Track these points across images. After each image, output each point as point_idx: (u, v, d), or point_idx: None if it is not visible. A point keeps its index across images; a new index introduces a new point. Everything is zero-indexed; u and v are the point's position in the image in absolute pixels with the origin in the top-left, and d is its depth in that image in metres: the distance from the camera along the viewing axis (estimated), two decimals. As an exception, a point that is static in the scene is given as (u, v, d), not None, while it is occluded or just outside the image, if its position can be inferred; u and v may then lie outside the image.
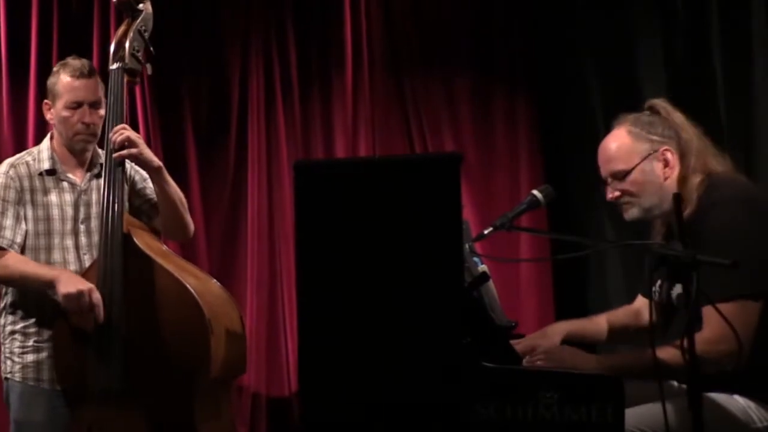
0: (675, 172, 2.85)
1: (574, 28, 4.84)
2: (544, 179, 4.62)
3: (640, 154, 2.85)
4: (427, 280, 2.35)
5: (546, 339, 2.96)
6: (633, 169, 2.85)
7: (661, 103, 2.93)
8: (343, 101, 4.83)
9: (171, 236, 3.66)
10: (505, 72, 4.92)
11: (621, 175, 2.88)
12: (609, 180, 2.93)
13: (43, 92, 3.66)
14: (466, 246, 2.81)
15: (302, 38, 4.87)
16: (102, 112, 3.47)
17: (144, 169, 3.50)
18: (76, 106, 3.44)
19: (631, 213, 2.91)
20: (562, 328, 3.06)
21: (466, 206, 4.39)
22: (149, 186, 3.56)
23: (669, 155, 2.84)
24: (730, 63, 4.25)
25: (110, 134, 3.35)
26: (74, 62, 3.51)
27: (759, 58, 4.12)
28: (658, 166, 2.85)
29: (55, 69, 3.54)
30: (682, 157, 2.84)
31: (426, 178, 2.40)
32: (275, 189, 4.76)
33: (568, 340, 2.98)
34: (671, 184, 2.83)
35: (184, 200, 3.54)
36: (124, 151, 3.32)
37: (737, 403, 2.68)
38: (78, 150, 3.50)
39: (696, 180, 2.79)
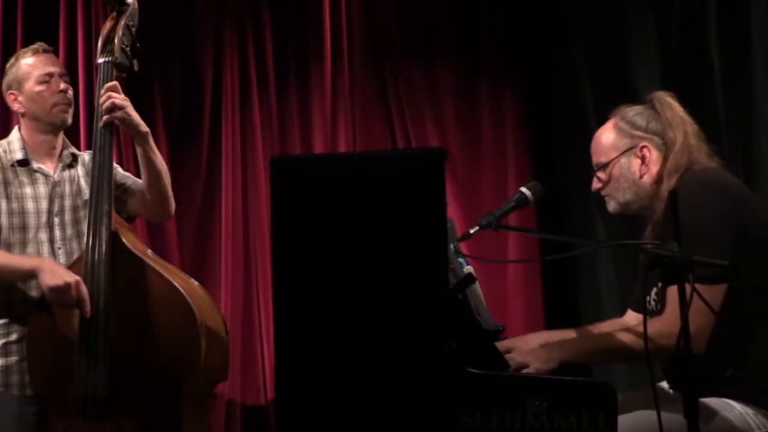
0: (653, 169, 2.92)
1: (563, 17, 4.85)
2: (532, 176, 4.63)
3: (619, 149, 2.95)
4: (410, 282, 2.35)
5: (523, 342, 2.97)
6: (610, 162, 2.96)
7: (659, 97, 2.99)
8: (321, 94, 4.82)
9: (153, 214, 3.67)
10: (492, 63, 4.93)
11: (601, 167, 2.99)
12: (595, 170, 3.02)
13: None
14: (451, 246, 2.81)
15: (279, 27, 4.87)
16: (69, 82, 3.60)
17: (132, 133, 3.49)
18: (48, 78, 3.54)
19: (611, 206, 3.03)
20: (543, 337, 3.07)
21: (450, 204, 4.42)
22: (120, 172, 3.61)
23: (647, 152, 2.92)
24: (728, 54, 4.26)
25: (99, 102, 3.37)
26: (29, 47, 3.64)
27: (758, 49, 4.13)
28: (635, 163, 2.94)
29: (10, 62, 3.63)
30: (665, 155, 2.90)
31: (408, 174, 2.40)
32: (250, 186, 4.75)
33: None
34: (648, 180, 2.93)
35: (167, 172, 3.55)
36: (109, 116, 3.35)
37: (734, 409, 2.69)
38: (58, 123, 3.55)
39: (673, 180, 2.84)
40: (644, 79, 4.48)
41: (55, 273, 3.23)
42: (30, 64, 3.55)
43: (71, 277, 3.20)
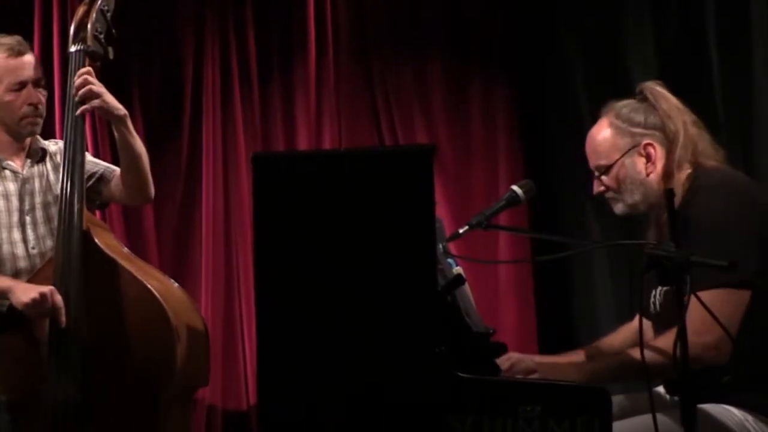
0: (659, 166, 2.88)
1: (557, 9, 4.84)
2: (524, 174, 4.62)
3: (621, 150, 2.90)
4: (397, 283, 2.34)
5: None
6: (614, 164, 2.91)
7: (650, 88, 2.96)
8: (306, 88, 4.81)
9: (132, 198, 3.63)
10: (483, 57, 4.91)
11: (603, 170, 2.94)
12: (596, 173, 2.98)
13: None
14: (440, 246, 2.80)
15: (262, 20, 4.85)
16: (44, 90, 3.52)
17: (109, 118, 3.46)
18: (19, 87, 3.45)
19: (618, 208, 2.98)
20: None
21: (439, 203, 4.39)
22: (90, 160, 3.57)
23: (651, 150, 2.88)
24: (727, 53, 4.25)
25: (73, 85, 3.34)
26: (6, 40, 3.51)
27: (758, 49, 4.13)
28: (639, 162, 2.90)
29: None
30: (669, 149, 2.87)
31: (396, 172, 2.39)
32: (232, 183, 4.74)
33: None
34: (655, 179, 2.88)
35: (146, 154, 3.51)
36: (87, 105, 3.32)
37: (733, 415, 2.69)
38: (25, 134, 3.51)
39: (682, 175, 2.83)
40: (641, 76, 4.44)
41: (28, 288, 3.21)
42: (3, 66, 3.45)
43: (45, 288, 3.18)
